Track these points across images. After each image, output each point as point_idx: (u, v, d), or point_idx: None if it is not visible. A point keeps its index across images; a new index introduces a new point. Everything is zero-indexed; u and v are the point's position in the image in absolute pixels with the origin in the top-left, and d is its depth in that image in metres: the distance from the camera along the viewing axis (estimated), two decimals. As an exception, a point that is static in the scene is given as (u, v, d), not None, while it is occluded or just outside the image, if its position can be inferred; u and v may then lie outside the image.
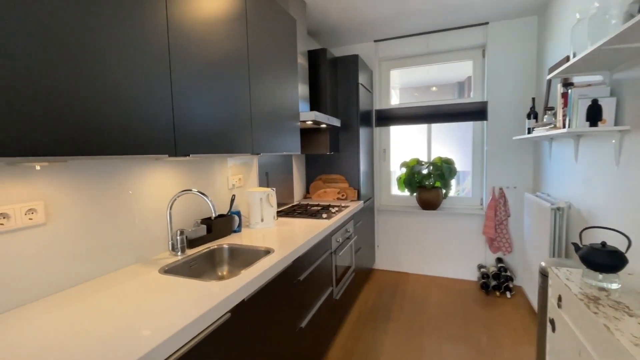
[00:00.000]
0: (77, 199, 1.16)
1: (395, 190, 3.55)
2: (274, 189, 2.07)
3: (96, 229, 1.22)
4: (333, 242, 2.14)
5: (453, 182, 3.25)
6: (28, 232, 1.03)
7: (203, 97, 1.31)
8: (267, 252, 1.54)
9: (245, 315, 1.16)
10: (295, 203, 2.86)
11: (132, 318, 0.90)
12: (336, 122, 2.60)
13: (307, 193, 3.15)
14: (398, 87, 3.79)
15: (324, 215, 2.20)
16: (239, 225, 1.88)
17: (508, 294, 2.83)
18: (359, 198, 2.93)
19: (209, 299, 1.01)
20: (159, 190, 1.51)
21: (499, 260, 3.08)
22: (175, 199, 1.46)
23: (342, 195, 2.89)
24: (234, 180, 2.04)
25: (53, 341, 0.80)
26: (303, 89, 2.44)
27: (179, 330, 0.84)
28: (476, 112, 3.09)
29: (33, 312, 0.96)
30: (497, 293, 2.86)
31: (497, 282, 2.87)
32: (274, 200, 2.02)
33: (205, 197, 1.40)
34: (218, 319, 1.00)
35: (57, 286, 1.09)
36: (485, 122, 3.10)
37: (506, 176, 3.01)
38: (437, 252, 3.36)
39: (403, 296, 2.91)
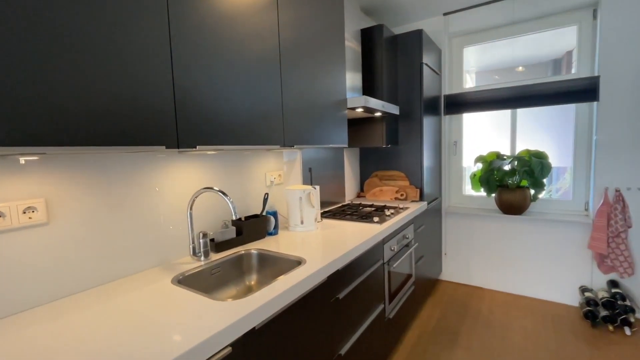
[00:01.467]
0: (85, 197, 1.06)
1: (468, 189, 3.01)
2: (317, 186, 1.81)
3: (108, 229, 1.11)
4: (386, 251, 1.80)
5: (545, 181, 2.59)
6: (27, 232, 0.94)
7: (217, 77, 1.10)
8: (299, 262, 1.29)
9: (256, 346, 0.93)
10: (346, 202, 2.57)
11: (97, 346, 0.73)
12: (394, 110, 2.22)
13: (361, 191, 2.83)
14: (474, 70, 3.18)
15: (376, 219, 1.87)
16: (276, 227, 1.67)
17: (627, 330, 2.13)
18: (421, 198, 2.51)
19: (207, 327, 0.79)
20: (185, 187, 1.37)
21: (613, 283, 2.36)
22: (195, 199, 1.29)
23: (401, 195, 2.51)
24: (273, 177, 1.84)
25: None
26: (354, 74, 2.12)
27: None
28: (582, 92, 2.39)
29: (26, 320, 0.86)
30: (610, 327, 2.18)
31: (609, 313, 2.19)
32: (315, 200, 1.76)
33: (224, 197, 1.20)
34: (212, 357, 0.77)
35: (58, 293, 0.99)
36: (595, 103, 2.39)
37: (626, 174, 2.27)
38: (523, 265, 2.74)
39: (476, 317, 2.42)
